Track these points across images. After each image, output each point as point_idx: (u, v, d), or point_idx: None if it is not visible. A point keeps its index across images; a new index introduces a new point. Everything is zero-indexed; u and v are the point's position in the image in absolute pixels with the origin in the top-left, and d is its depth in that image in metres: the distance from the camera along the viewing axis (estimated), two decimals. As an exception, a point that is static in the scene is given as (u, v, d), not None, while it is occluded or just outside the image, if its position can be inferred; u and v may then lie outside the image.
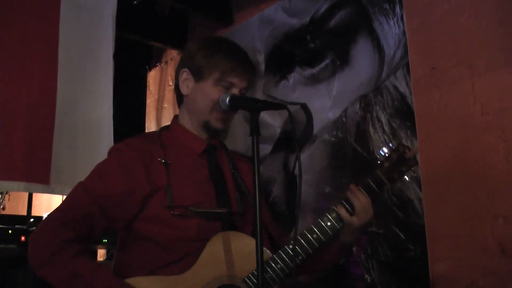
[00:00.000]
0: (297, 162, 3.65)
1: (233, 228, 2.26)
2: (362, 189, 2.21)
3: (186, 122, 2.42)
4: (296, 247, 2.16)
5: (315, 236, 2.19)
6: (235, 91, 2.28)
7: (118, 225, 2.23)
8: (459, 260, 2.78)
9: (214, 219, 2.22)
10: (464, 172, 2.81)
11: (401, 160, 2.23)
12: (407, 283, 2.97)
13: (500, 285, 2.60)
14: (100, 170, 2.25)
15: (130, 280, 2.05)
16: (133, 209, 2.17)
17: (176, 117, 2.48)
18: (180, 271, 2.10)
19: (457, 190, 2.82)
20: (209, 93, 2.29)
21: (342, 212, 2.20)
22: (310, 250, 2.18)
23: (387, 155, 2.26)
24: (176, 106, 2.52)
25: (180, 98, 2.47)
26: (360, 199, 2.18)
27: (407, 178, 2.27)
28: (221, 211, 2.24)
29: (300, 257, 2.17)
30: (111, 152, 2.32)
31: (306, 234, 2.20)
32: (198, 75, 2.33)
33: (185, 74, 2.38)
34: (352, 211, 2.19)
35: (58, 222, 2.11)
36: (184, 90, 2.39)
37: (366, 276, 3.16)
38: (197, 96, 2.34)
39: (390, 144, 2.28)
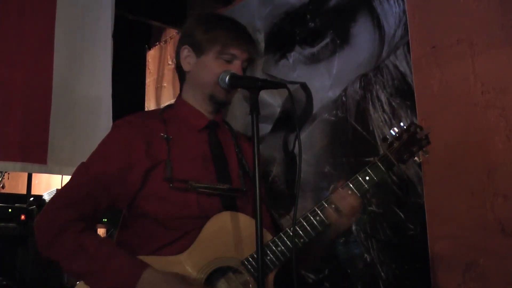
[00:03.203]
0: (296, 141, 3.66)
1: (234, 205, 2.25)
2: (353, 188, 2.15)
3: (190, 98, 2.40)
4: (298, 229, 2.13)
5: (318, 218, 2.15)
6: (237, 63, 2.28)
7: (121, 203, 2.22)
8: (459, 239, 2.79)
9: (214, 195, 2.21)
10: (464, 151, 2.81)
11: (412, 140, 2.18)
12: (407, 262, 2.98)
13: (500, 263, 2.61)
14: (100, 148, 2.25)
15: None
16: (134, 185, 2.16)
17: (180, 95, 2.47)
18: (180, 250, 2.09)
19: (457, 168, 2.82)
20: (212, 67, 2.28)
21: (329, 212, 2.14)
22: (312, 233, 2.14)
23: (397, 134, 2.20)
24: (175, 85, 2.52)
25: (182, 76, 2.46)
26: (349, 201, 2.14)
27: (417, 160, 2.22)
28: (222, 187, 2.24)
29: (302, 240, 2.14)
30: (111, 129, 2.32)
31: (308, 216, 2.15)
32: (199, 50, 2.32)
33: (186, 51, 2.37)
34: (340, 211, 2.14)
35: (60, 204, 2.11)
36: (186, 66, 2.38)
37: (366, 255, 3.17)
38: (200, 71, 2.34)
39: (401, 124, 2.23)
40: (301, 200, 3.60)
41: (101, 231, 5.25)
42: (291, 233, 2.12)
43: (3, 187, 6.57)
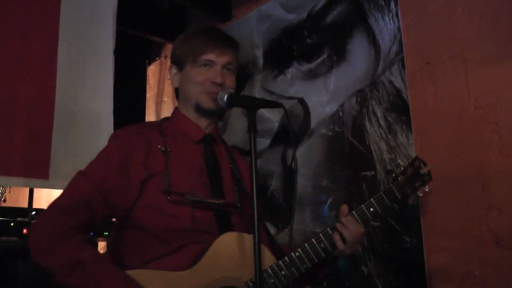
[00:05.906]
0: (293, 158, 3.68)
1: (227, 220, 2.26)
2: (358, 218, 2.21)
3: (184, 111, 2.43)
4: (302, 254, 2.18)
5: (322, 245, 2.20)
6: (216, 68, 2.30)
7: (119, 213, 2.20)
8: (454, 251, 2.82)
9: (209, 209, 2.22)
10: (458, 165, 2.85)
11: (416, 175, 2.24)
12: (403, 275, 3.01)
13: (495, 275, 2.65)
14: (99, 158, 2.24)
15: (132, 272, 2.02)
16: (132, 195, 2.15)
17: (176, 108, 2.50)
18: (175, 263, 2.08)
19: (452, 182, 2.86)
20: (191, 76, 2.32)
21: (336, 238, 2.20)
22: (316, 259, 2.19)
23: (402, 168, 2.26)
24: (175, 99, 2.55)
25: (176, 93, 2.50)
26: (353, 231, 2.20)
27: (420, 194, 2.27)
28: (217, 201, 2.24)
29: (305, 266, 2.18)
30: (110, 139, 2.31)
31: (313, 242, 2.20)
32: (180, 65, 2.38)
33: (173, 69, 2.43)
34: (344, 239, 2.20)
35: (59, 210, 2.08)
36: (174, 84, 2.44)
37: (363, 267, 3.21)
38: (184, 84, 2.38)
39: (406, 158, 2.27)
40: (299, 213, 3.64)
41: (102, 244, 5.27)
42: (295, 258, 2.16)
43: (4, 200, 6.57)
